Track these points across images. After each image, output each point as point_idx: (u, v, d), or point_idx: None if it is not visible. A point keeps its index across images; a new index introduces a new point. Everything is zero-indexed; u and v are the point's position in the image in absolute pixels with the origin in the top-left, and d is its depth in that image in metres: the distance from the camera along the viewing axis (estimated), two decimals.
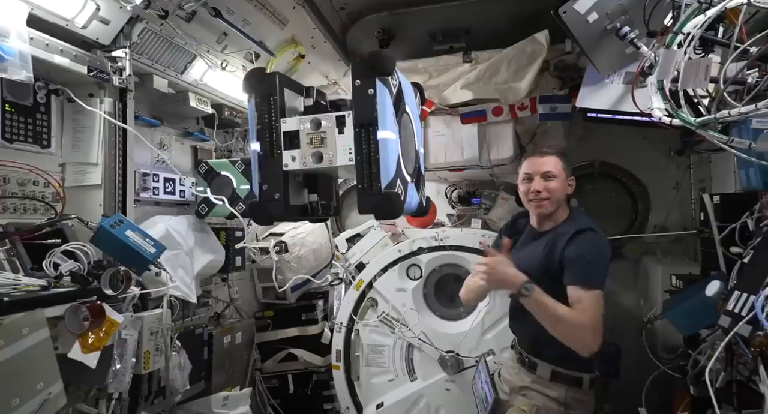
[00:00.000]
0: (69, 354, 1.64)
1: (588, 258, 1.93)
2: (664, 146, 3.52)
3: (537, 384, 2.11)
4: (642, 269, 3.54)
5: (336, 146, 1.73)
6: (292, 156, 1.77)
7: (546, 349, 2.09)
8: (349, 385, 3.19)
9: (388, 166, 1.63)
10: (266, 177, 1.78)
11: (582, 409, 2.07)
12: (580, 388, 2.06)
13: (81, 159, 2.18)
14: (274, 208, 1.76)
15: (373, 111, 1.62)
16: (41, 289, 1.64)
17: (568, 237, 2.00)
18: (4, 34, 1.69)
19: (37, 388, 1.51)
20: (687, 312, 1.85)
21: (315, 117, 1.75)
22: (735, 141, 1.49)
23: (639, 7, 1.79)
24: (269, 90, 1.77)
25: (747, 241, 1.85)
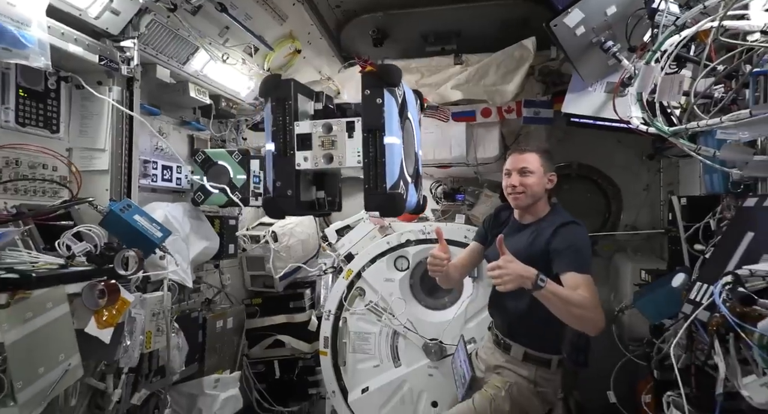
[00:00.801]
0: (86, 329, 1.74)
1: (576, 247, 2.12)
2: (637, 150, 3.76)
3: (510, 363, 2.32)
4: (613, 265, 3.78)
5: (345, 149, 1.91)
6: (305, 156, 1.94)
7: (520, 333, 2.31)
8: (336, 370, 3.32)
9: (393, 168, 1.81)
10: (280, 175, 1.95)
11: (549, 387, 2.29)
12: (549, 369, 2.27)
13: (88, 144, 2.26)
14: (287, 204, 1.94)
15: (380, 118, 1.80)
16: (59, 267, 1.74)
17: (552, 230, 2.20)
18: (26, 23, 1.76)
19: (59, 359, 1.61)
20: (655, 301, 2.06)
21: (327, 121, 1.92)
22: (702, 149, 1.69)
23: (622, 23, 1.98)
24: (285, 95, 1.93)
25: (709, 240, 2.07)
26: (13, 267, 1.59)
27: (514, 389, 2.26)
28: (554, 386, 2.32)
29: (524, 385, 2.26)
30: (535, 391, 2.26)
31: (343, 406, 3.28)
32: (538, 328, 2.20)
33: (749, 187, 1.81)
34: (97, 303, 1.78)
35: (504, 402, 2.23)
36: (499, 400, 2.25)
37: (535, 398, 2.26)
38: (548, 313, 2.10)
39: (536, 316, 2.15)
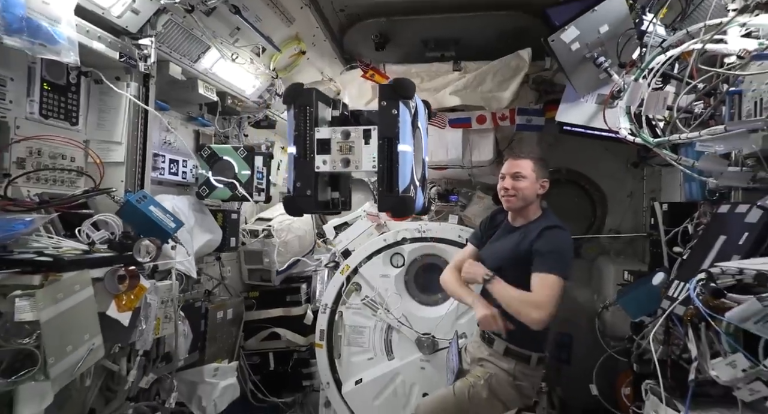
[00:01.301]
0: (107, 312, 1.85)
1: (554, 250, 2.29)
2: (623, 159, 3.96)
3: (492, 356, 2.48)
4: (596, 267, 3.97)
5: (362, 154, 2.10)
6: (324, 160, 2.13)
7: None
8: (331, 362, 3.45)
9: (405, 173, 1.99)
10: (300, 176, 2.13)
11: (527, 381, 2.44)
12: (528, 364, 2.42)
13: (105, 137, 2.36)
14: (306, 203, 2.13)
15: (395, 128, 1.99)
16: (83, 253, 1.85)
17: (537, 232, 2.36)
18: (57, 21, 1.88)
19: (84, 339, 1.72)
20: (636, 299, 2.24)
21: (345, 129, 2.10)
22: (682, 159, 1.88)
23: (613, 41, 2.16)
24: (307, 102, 2.10)
25: (687, 243, 2.26)
26: (42, 251, 1.70)
27: (493, 380, 2.42)
28: (532, 381, 2.48)
29: (503, 377, 2.41)
30: (513, 383, 2.41)
31: (337, 397, 3.42)
32: (518, 326, 2.35)
33: (723, 195, 1.99)
34: (117, 288, 1.89)
35: (482, 390, 2.40)
36: (478, 388, 2.41)
37: (513, 390, 2.41)
38: None
39: None
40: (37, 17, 1.78)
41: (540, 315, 2.20)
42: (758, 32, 1.80)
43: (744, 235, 1.63)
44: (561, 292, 2.25)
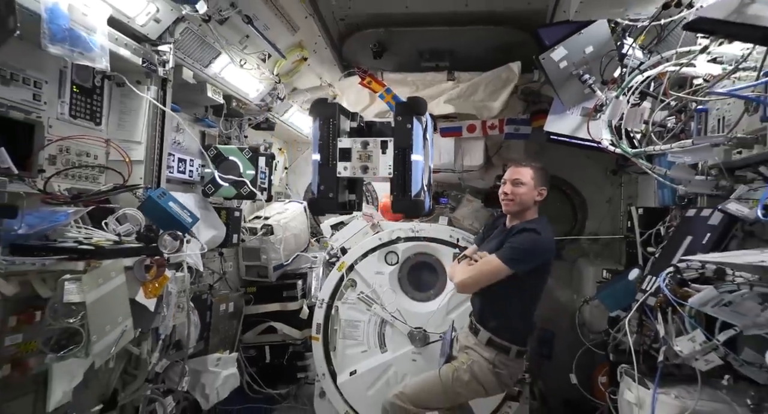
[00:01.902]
0: (136, 298, 2.02)
1: (513, 244, 2.51)
2: (603, 166, 4.25)
3: (476, 345, 2.69)
4: (576, 268, 4.25)
5: (379, 162, 2.44)
6: (344, 166, 2.47)
7: (488, 321, 2.67)
8: (326, 354, 3.64)
9: (417, 180, 2.30)
10: (323, 180, 2.48)
11: (506, 370, 2.64)
12: (507, 356, 2.63)
13: (125, 137, 2.53)
14: (328, 204, 2.48)
15: (409, 140, 2.32)
16: (114, 243, 2.01)
17: (516, 231, 2.59)
18: (93, 30, 2.05)
19: (119, 321, 1.90)
20: (613, 293, 2.50)
21: (365, 139, 2.41)
22: (656, 168, 2.14)
23: (597, 61, 2.41)
24: (331, 115, 2.39)
25: (659, 243, 2.52)
26: (81, 241, 1.87)
27: (475, 366, 2.64)
28: (510, 371, 2.69)
29: (484, 365, 2.63)
30: (493, 371, 2.62)
31: (332, 387, 3.61)
32: (500, 320, 2.62)
33: (691, 201, 2.26)
34: (144, 276, 2.07)
35: (464, 374, 2.62)
36: (461, 371, 2.64)
37: (492, 376, 2.62)
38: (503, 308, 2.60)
39: (497, 309, 2.63)
40: (77, 28, 1.95)
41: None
42: (722, 58, 2.07)
43: (707, 235, 1.89)
44: (493, 275, 2.48)
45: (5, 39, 1.51)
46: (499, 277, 2.44)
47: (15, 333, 1.80)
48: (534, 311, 2.70)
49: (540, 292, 2.67)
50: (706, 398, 1.67)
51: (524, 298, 2.61)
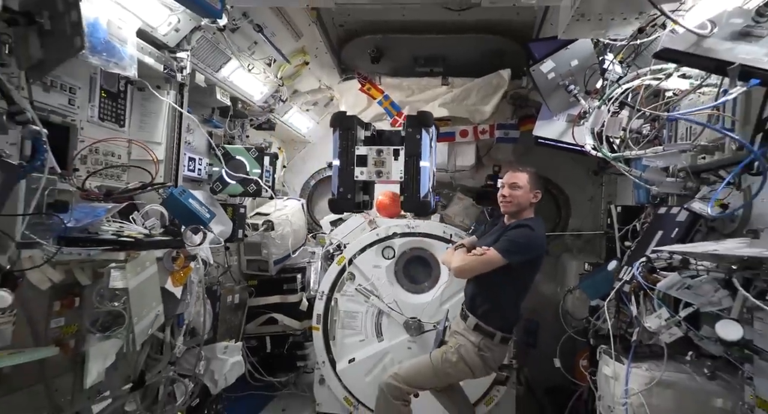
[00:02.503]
0: (165, 285, 2.23)
1: (509, 237, 2.79)
2: (585, 167, 4.55)
3: (464, 330, 2.96)
4: (560, 263, 4.55)
5: (391, 167, 2.81)
6: (361, 171, 2.83)
7: (477, 308, 2.94)
8: (326, 343, 3.88)
9: (425, 183, 2.64)
10: (342, 183, 2.84)
11: (490, 353, 2.91)
12: (492, 340, 2.90)
13: (146, 138, 2.72)
14: (346, 204, 2.85)
15: (418, 148, 2.71)
16: (145, 236, 2.22)
17: (512, 227, 2.86)
18: (125, 41, 2.25)
19: (153, 306, 2.11)
20: (594, 283, 2.77)
21: (379, 148, 2.79)
22: (632, 170, 2.41)
23: (581, 73, 2.69)
24: (350, 126, 2.79)
25: (635, 238, 2.81)
26: (119, 233, 2.08)
27: (462, 349, 2.91)
28: (495, 355, 2.96)
29: (470, 348, 2.90)
30: (478, 353, 2.89)
31: (331, 374, 3.85)
32: (489, 307, 2.89)
33: (663, 200, 2.55)
34: (172, 266, 2.28)
35: (453, 355, 2.89)
36: (449, 354, 2.91)
37: (478, 359, 2.89)
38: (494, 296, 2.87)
39: (487, 297, 2.90)
40: (113, 40, 2.15)
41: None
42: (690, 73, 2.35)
43: (675, 230, 2.17)
44: (490, 264, 2.74)
45: (72, 56, 1.71)
46: (493, 266, 2.70)
47: (58, 316, 2.02)
48: (522, 301, 2.97)
49: (529, 284, 2.95)
50: (672, 370, 1.95)
51: (514, 288, 2.88)
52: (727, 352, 1.71)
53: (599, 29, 2.11)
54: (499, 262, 2.70)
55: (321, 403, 3.95)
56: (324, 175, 5.26)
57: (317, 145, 5.23)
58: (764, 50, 1.44)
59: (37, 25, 1.63)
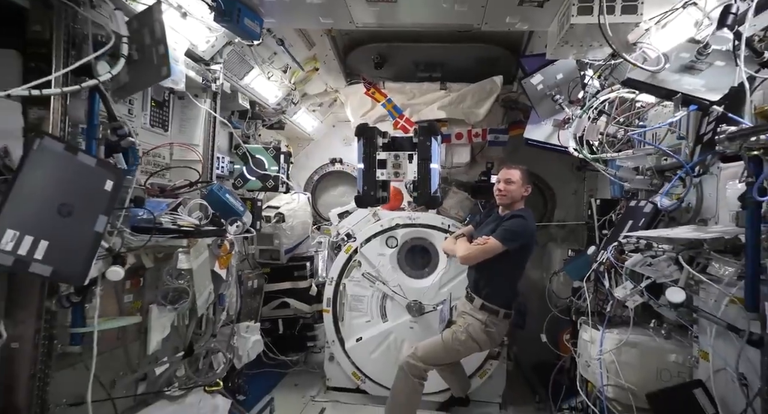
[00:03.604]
0: (214, 268, 2.64)
1: (506, 227, 3.25)
2: (569, 163, 5.02)
3: (471, 310, 3.43)
4: (546, 251, 5.04)
5: (407, 169, 3.39)
6: (381, 172, 3.40)
7: (480, 290, 3.41)
8: (335, 324, 4.31)
9: (434, 181, 3.23)
10: (366, 183, 3.42)
11: (495, 329, 3.40)
12: (496, 317, 3.38)
13: (185, 140, 3.11)
14: (370, 199, 3.45)
15: (429, 153, 3.26)
16: (196, 227, 2.62)
17: (508, 217, 3.32)
18: (177, 60, 2.63)
19: (207, 284, 2.52)
20: (576, 266, 3.24)
21: (396, 153, 3.35)
22: (608, 169, 2.88)
23: (566, 85, 3.15)
24: (371, 136, 3.35)
25: (611, 227, 3.29)
26: (179, 224, 2.48)
27: (470, 328, 3.38)
28: (499, 330, 3.44)
29: (477, 325, 3.37)
30: (485, 330, 3.37)
31: (341, 352, 4.29)
32: (489, 289, 3.37)
33: (634, 195, 3.02)
34: (218, 252, 2.69)
35: (462, 334, 3.36)
36: (459, 333, 3.37)
37: (485, 335, 3.37)
38: (494, 278, 3.33)
39: (489, 279, 3.37)
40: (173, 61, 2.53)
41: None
42: None
43: (642, 219, 2.64)
44: (491, 252, 3.21)
45: (158, 82, 2.10)
46: (494, 253, 3.17)
47: (128, 293, 2.42)
48: (518, 281, 3.45)
49: (523, 266, 3.42)
50: (637, 334, 2.43)
51: (512, 271, 3.36)
52: (678, 316, 2.18)
53: (580, 53, 2.56)
54: (499, 249, 3.16)
55: (331, 378, 4.40)
56: (326, 171, 5.69)
57: (320, 142, 5.65)
58: (702, 82, 1.90)
59: None
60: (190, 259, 2.31)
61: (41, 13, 1.88)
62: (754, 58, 1.74)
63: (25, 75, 1.89)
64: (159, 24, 2.03)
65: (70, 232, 1.73)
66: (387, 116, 4.54)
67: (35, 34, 1.87)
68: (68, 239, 1.72)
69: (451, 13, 2.60)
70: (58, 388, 2.02)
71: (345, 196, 5.72)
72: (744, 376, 1.77)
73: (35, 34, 1.87)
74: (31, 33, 1.87)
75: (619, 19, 2.17)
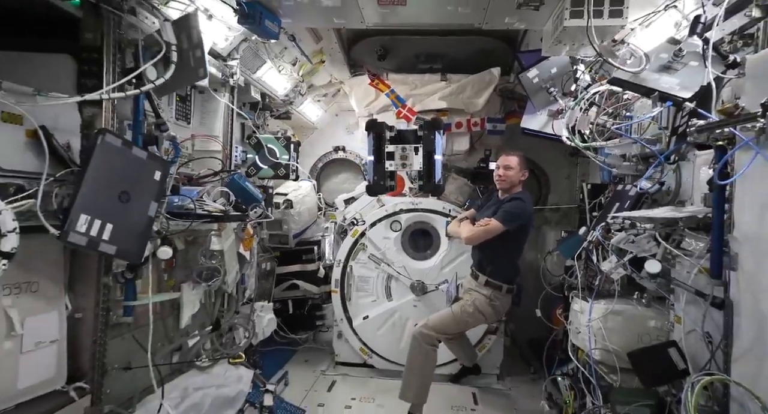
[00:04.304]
0: (239, 250, 2.93)
1: (506, 209, 3.56)
2: (563, 150, 5.30)
3: (477, 286, 3.75)
4: (541, 233, 5.36)
5: (413, 160, 3.76)
6: (390, 163, 3.76)
7: (485, 268, 3.73)
8: (343, 304, 4.62)
9: (438, 171, 3.53)
10: (376, 173, 3.77)
11: (499, 302, 3.73)
12: (500, 291, 3.71)
13: (206, 132, 3.37)
14: (380, 188, 3.83)
15: (433, 146, 3.57)
16: (223, 212, 2.90)
17: (507, 200, 3.63)
18: None
19: (233, 265, 2.81)
20: (569, 245, 3.55)
21: (403, 146, 3.70)
22: (598, 156, 3.18)
23: (559, 78, 3.43)
24: (381, 131, 3.66)
25: (600, 209, 3.59)
26: (209, 210, 2.76)
27: (477, 301, 3.71)
28: (503, 303, 3.77)
29: (483, 299, 3.70)
30: (490, 303, 3.70)
31: (348, 329, 4.60)
32: (492, 266, 3.70)
33: (621, 179, 3.33)
34: (242, 235, 2.97)
35: (469, 307, 3.69)
36: (467, 306, 3.70)
37: (490, 307, 3.70)
38: (496, 257, 3.64)
39: (492, 258, 3.69)
40: None
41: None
42: None
43: (627, 202, 2.94)
44: (494, 232, 3.52)
45: (195, 82, 2.36)
46: (496, 233, 3.48)
47: (164, 273, 2.70)
48: (518, 258, 3.76)
49: (522, 245, 3.74)
50: (622, 303, 2.75)
51: (512, 249, 3.68)
52: (657, 286, 2.50)
53: (572, 50, 2.84)
54: (500, 230, 3.46)
55: (339, 353, 4.72)
56: (329, 159, 5.96)
57: (324, 130, 5.90)
58: (678, 80, 2.19)
59: None
60: (221, 241, 2.59)
61: (93, 22, 2.13)
62: (721, 61, 2.03)
63: (79, 77, 2.14)
64: (196, 31, 2.28)
65: (128, 216, 2.00)
66: (390, 106, 4.80)
67: (88, 40, 2.12)
68: (128, 222, 1.99)
69: (455, 14, 2.87)
70: (111, 354, 2.31)
71: (347, 182, 6.00)
72: (709, 335, 2.09)
73: (88, 41, 2.12)
74: (84, 40, 2.12)
75: (607, 22, 2.45)
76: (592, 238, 3.04)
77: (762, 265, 1.78)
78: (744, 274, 1.88)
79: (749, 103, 1.77)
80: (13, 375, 1.86)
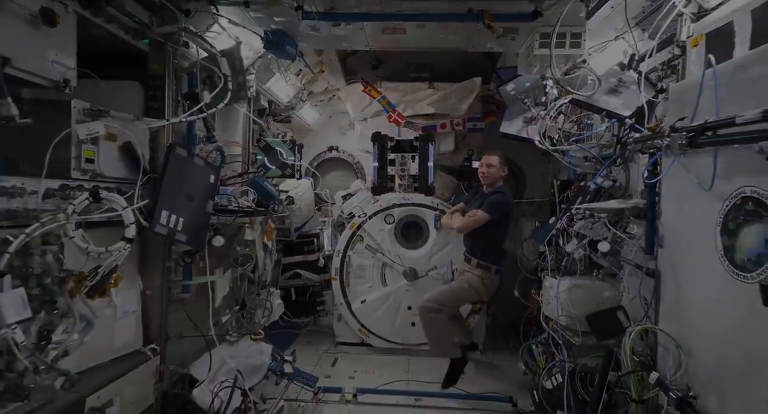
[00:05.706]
0: (263, 241, 3.50)
1: (490, 201, 4.21)
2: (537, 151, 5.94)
3: (470, 268, 4.40)
4: (518, 224, 6.03)
5: (411, 165, 4.56)
6: (392, 169, 4.47)
7: (476, 252, 4.37)
8: (343, 289, 5.22)
9: (431, 175, 4.17)
10: (380, 176, 4.52)
11: (489, 281, 4.38)
12: (489, 272, 4.36)
13: (228, 138, 3.92)
14: (383, 189, 4.61)
15: (427, 155, 4.30)
16: (251, 207, 3.46)
17: (490, 193, 4.28)
18: None
19: (260, 252, 3.38)
20: (542, 233, 4.21)
21: (402, 155, 4.48)
22: (565, 157, 3.84)
23: (533, 91, 4.08)
24: (384, 142, 4.31)
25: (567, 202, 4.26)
26: (239, 205, 3.32)
27: (471, 280, 4.35)
28: (493, 282, 4.42)
29: (476, 279, 4.34)
30: (482, 282, 4.34)
31: (348, 312, 5.21)
32: (482, 250, 4.33)
33: (584, 177, 4.00)
34: (265, 227, 3.54)
35: (465, 284, 4.34)
36: (462, 283, 4.35)
37: (481, 285, 4.35)
38: (484, 243, 4.26)
39: (481, 243, 4.31)
40: None
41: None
42: None
43: (588, 195, 3.61)
44: (481, 221, 4.18)
45: (237, 102, 2.91)
46: (483, 222, 4.13)
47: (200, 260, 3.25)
48: (503, 243, 4.42)
49: (506, 231, 4.41)
50: (583, 279, 3.41)
51: (497, 235, 4.34)
52: (609, 264, 3.17)
53: (542, 70, 3.48)
54: (486, 219, 4.11)
55: (339, 335, 5.33)
56: (324, 158, 6.52)
57: (319, 132, 6.46)
58: (621, 102, 2.85)
59: None
60: (253, 232, 3.17)
61: (158, 56, 2.67)
62: (653, 87, 2.68)
63: (146, 100, 2.69)
64: (239, 60, 2.84)
65: (193, 212, 2.57)
66: (382, 112, 5.39)
67: (155, 71, 2.67)
68: (193, 217, 2.56)
69: (446, 40, 3.49)
70: (170, 326, 2.87)
71: (340, 180, 6.58)
72: (645, 298, 2.76)
73: (154, 71, 2.67)
74: (151, 70, 2.67)
75: (568, 51, 3.09)
76: (559, 226, 3.71)
77: (678, 244, 2.44)
78: (667, 250, 2.54)
79: (670, 123, 2.43)
80: (111, 336, 2.42)
